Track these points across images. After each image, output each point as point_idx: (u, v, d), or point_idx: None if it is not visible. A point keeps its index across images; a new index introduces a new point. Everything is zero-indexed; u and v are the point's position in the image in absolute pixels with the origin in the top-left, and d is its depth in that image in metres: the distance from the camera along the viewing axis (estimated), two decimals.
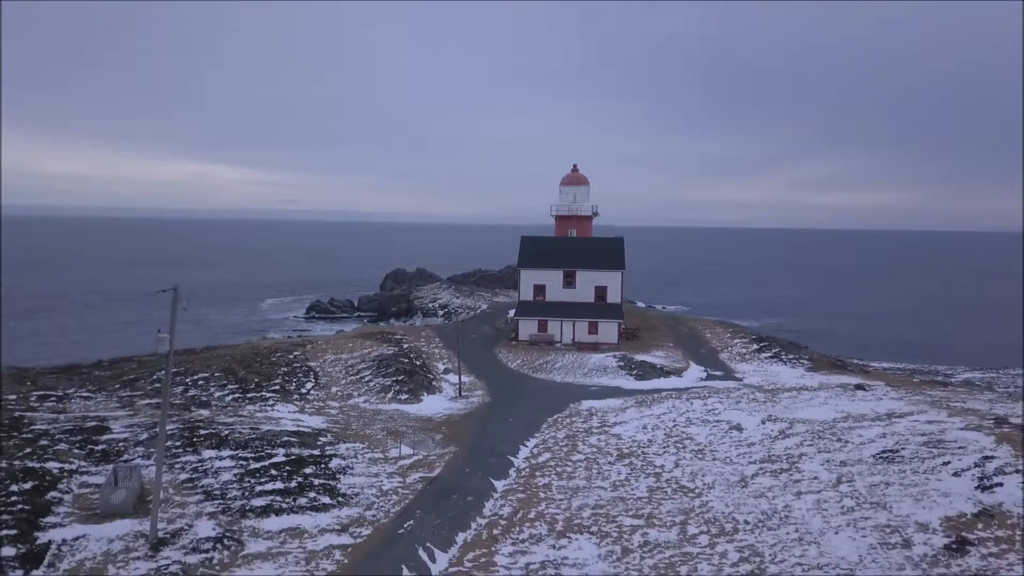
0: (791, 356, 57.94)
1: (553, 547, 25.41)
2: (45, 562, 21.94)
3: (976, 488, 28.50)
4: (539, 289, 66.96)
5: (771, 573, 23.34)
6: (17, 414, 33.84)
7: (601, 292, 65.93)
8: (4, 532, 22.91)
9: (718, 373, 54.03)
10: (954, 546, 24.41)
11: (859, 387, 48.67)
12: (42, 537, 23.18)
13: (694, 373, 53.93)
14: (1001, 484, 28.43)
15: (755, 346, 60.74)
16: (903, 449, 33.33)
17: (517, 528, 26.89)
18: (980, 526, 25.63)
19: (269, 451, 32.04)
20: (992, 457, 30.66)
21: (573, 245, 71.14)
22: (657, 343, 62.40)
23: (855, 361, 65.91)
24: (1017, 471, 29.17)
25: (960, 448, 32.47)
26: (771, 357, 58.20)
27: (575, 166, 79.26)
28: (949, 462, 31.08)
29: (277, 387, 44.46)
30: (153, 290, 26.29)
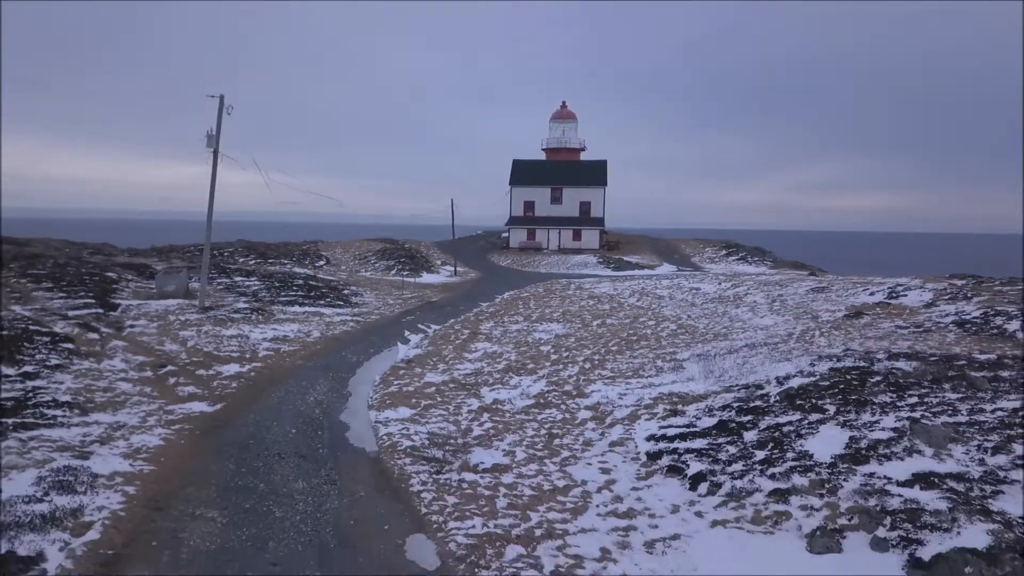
0: (756, 258, 63.55)
1: (527, 326, 31.05)
2: (119, 310, 27.52)
3: (885, 298, 34.16)
4: (528, 205, 72.50)
5: (700, 331, 29.04)
6: (72, 259, 39.33)
7: (585, 207, 71.48)
8: (84, 294, 28.57)
9: (687, 268, 59.59)
10: (851, 315, 30.07)
11: (812, 275, 54.16)
12: (113, 302, 28.78)
13: (666, 268, 59.50)
14: (906, 295, 34.05)
15: (724, 251, 66.40)
16: (834, 287, 38.94)
17: (499, 317, 32.57)
18: (877, 309, 31.27)
19: (290, 280, 37.66)
20: (905, 283, 36.22)
21: (560, 165, 76.58)
22: (635, 251, 68.06)
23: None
24: (922, 288, 34.81)
25: (882, 283, 38.02)
26: (738, 259, 63.82)
27: (564, 103, 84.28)
28: (868, 289, 36.73)
29: (294, 260, 50.15)
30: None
